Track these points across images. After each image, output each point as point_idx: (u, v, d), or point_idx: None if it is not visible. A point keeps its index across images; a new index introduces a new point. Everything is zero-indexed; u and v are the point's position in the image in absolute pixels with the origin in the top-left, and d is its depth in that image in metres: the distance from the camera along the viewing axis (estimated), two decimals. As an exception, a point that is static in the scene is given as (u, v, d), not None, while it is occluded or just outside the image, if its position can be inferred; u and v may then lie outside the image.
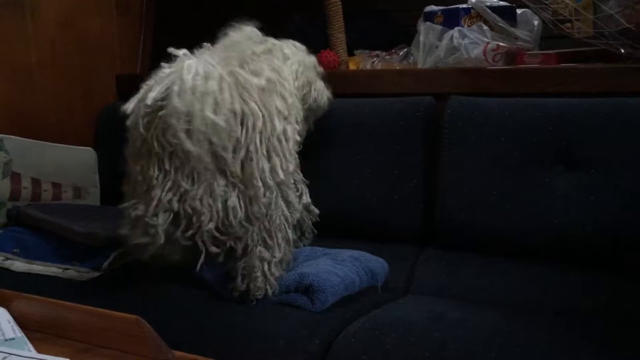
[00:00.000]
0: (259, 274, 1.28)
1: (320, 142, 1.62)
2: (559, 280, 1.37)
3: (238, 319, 1.26)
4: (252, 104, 1.25)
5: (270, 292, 1.30)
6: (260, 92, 1.27)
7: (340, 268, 1.35)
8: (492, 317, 1.21)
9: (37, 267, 1.54)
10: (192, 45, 1.33)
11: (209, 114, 1.17)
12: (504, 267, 1.44)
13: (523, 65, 1.67)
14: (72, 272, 1.50)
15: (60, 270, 1.51)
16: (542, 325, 1.19)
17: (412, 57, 1.84)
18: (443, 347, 1.11)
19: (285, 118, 1.32)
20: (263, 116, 1.26)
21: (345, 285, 1.32)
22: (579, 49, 1.65)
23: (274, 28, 2.05)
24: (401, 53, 1.89)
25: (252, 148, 1.24)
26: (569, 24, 1.59)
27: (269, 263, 1.30)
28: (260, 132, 1.25)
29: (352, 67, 1.93)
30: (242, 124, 1.23)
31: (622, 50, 1.53)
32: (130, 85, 2.14)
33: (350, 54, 1.95)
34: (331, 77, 1.83)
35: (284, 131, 1.30)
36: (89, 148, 1.97)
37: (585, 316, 1.26)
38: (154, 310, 1.27)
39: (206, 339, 1.23)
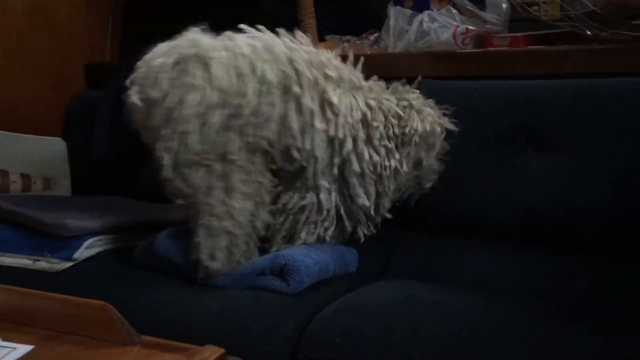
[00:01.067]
0: (204, 255, 1.29)
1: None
2: (533, 262, 1.39)
3: (211, 304, 1.25)
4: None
5: (218, 274, 1.30)
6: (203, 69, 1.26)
7: (314, 252, 1.35)
8: (465, 299, 1.22)
9: (7, 259, 1.52)
10: (161, 33, 1.32)
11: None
12: (478, 249, 1.45)
13: (492, 48, 1.68)
14: (42, 263, 1.48)
15: (31, 261, 1.49)
16: (515, 306, 1.19)
17: (382, 42, 1.84)
18: (416, 328, 1.11)
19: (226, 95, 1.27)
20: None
21: (320, 268, 1.32)
22: (546, 32, 1.67)
23: (245, 14, 2.04)
24: (372, 38, 1.88)
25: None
26: (536, 7, 1.60)
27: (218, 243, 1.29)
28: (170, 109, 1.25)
29: (323, 52, 1.92)
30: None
31: (589, 32, 1.55)
32: (99, 73, 2.13)
33: (321, 39, 1.94)
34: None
35: (218, 105, 1.26)
36: (58, 138, 1.94)
37: (560, 297, 1.27)
38: (125, 297, 1.26)
39: (178, 325, 1.22)
